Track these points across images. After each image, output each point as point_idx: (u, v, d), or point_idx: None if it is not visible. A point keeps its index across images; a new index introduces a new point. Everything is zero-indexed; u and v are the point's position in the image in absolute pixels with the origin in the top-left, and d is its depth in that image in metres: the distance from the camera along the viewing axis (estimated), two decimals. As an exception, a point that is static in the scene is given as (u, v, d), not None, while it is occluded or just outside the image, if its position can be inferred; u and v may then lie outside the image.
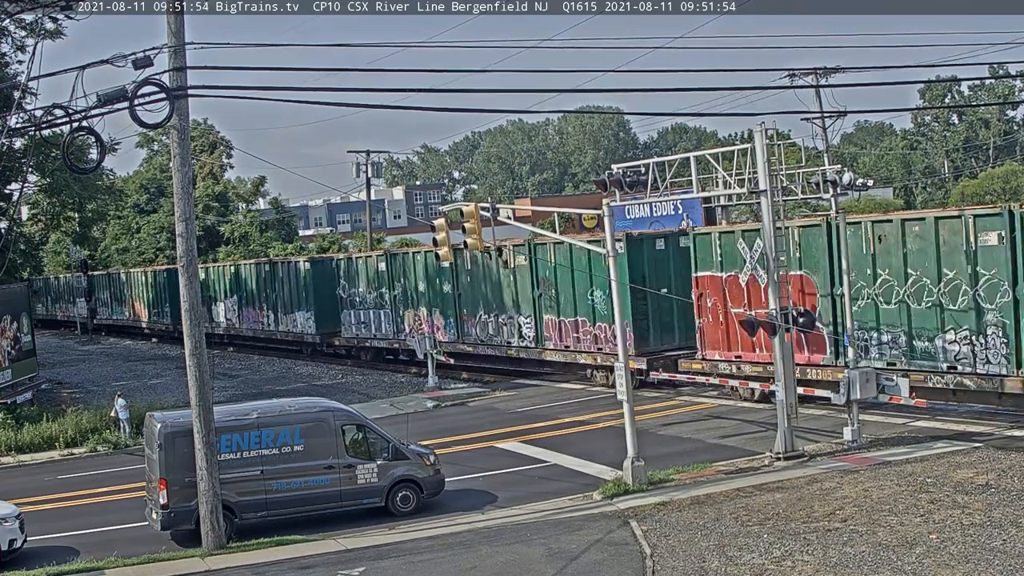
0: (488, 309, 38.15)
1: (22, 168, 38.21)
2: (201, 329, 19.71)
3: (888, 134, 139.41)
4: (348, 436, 20.97)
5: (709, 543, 16.88)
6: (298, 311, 50.14)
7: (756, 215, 32.07)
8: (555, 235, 28.84)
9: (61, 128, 19.51)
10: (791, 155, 38.38)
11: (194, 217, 19.97)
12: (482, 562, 17.00)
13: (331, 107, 32.71)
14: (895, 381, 23.19)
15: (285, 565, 17.90)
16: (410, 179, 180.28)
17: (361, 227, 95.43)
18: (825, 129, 48.57)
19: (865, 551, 15.73)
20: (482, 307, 38.41)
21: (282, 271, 51.56)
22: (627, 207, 42.15)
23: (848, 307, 23.95)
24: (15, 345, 37.40)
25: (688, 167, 24.31)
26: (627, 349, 22.58)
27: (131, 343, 67.71)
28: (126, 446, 30.20)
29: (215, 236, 79.14)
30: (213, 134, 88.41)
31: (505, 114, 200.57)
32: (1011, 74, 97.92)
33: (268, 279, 52.72)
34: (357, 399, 34.88)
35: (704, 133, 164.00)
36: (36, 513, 22.39)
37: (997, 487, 18.53)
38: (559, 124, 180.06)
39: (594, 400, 32.06)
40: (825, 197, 26.05)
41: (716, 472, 21.76)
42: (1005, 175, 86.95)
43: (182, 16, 18.74)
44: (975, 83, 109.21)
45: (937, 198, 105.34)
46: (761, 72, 67.39)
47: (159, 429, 20.07)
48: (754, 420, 26.96)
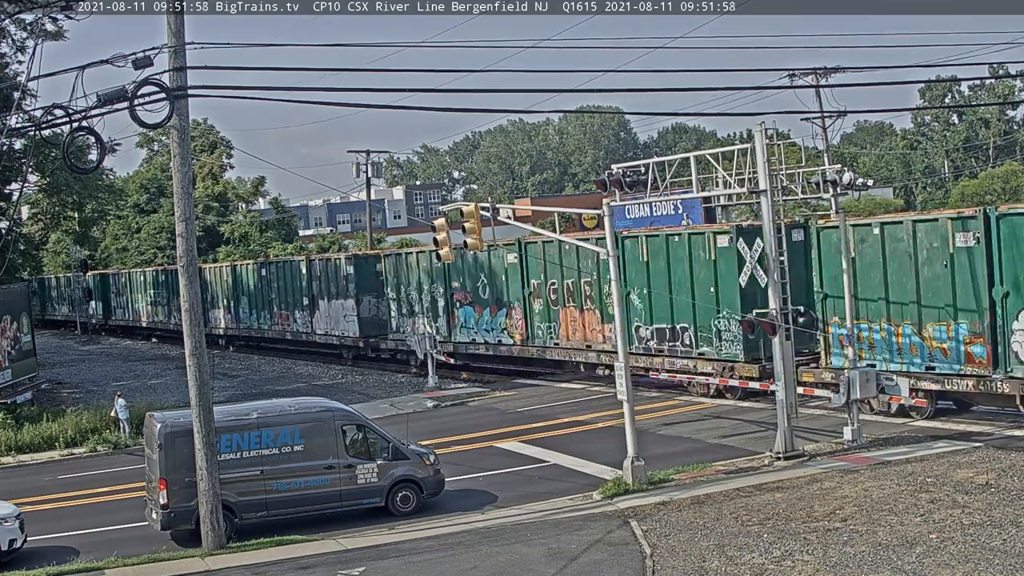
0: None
1: (22, 168, 38.20)
2: (201, 329, 19.70)
3: (888, 134, 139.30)
4: (348, 436, 20.97)
5: (709, 543, 16.88)
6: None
7: (756, 215, 32.04)
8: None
9: (61, 128, 19.50)
10: (791, 155, 38.35)
11: (194, 217, 19.97)
12: (482, 562, 17.00)
13: (331, 107, 32.74)
14: (895, 381, 23.21)
15: (285, 565, 17.89)
16: (410, 179, 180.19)
17: (361, 227, 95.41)
18: (825, 129, 48.55)
19: (865, 551, 15.73)
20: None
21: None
22: (627, 207, 42.17)
23: (848, 307, 23.97)
24: (15, 345, 37.40)
25: (688, 167, 24.31)
26: (626, 348, 22.54)
27: (131, 343, 67.70)
28: (126, 446, 30.20)
29: (215, 236, 79.11)
30: (213, 134, 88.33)
31: (505, 114, 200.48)
32: (1011, 74, 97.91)
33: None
34: (357, 399, 34.87)
35: (704, 133, 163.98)
36: (36, 513, 22.39)
37: (997, 487, 18.53)
38: (559, 124, 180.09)
39: (594, 400, 32.07)
40: (825, 197, 26.04)
41: (716, 472, 21.76)
42: (1005, 175, 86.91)
43: (182, 16, 18.75)
44: (975, 83, 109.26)
45: (937, 198, 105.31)
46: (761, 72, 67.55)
47: (159, 429, 20.07)
48: (754, 420, 26.96)
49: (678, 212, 48.99)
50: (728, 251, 28.77)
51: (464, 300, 39.53)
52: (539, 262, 35.64)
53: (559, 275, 34.77)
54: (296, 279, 49.96)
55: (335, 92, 19.23)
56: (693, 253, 29.90)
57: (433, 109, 20.66)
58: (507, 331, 37.51)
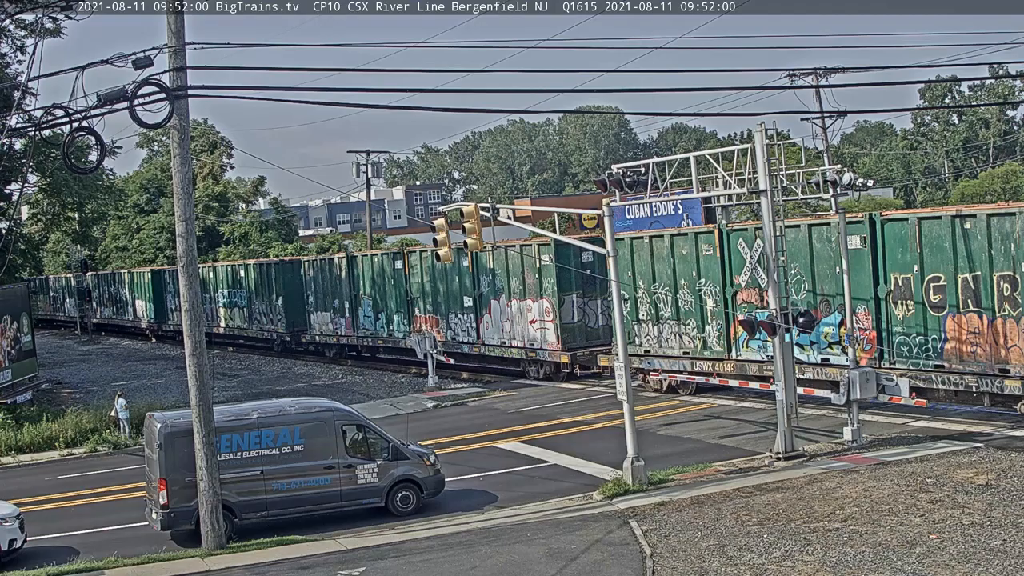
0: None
1: (22, 168, 38.19)
2: (201, 329, 19.70)
3: (888, 134, 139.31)
4: (348, 436, 20.98)
5: (709, 543, 16.88)
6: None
7: (756, 215, 32.03)
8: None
9: (61, 128, 19.50)
10: (791, 155, 38.38)
11: (194, 217, 19.97)
12: (482, 562, 16.99)
13: (331, 107, 32.76)
14: (895, 381, 23.22)
15: (285, 565, 17.89)
16: (410, 179, 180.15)
17: (361, 227, 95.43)
18: (825, 129, 48.56)
19: (865, 551, 15.73)
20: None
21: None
22: (627, 207, 42.18)
23: (848, 306, 23.95)
24: (15, 345, 37.43)
25: (688, 167, 24.32)
26: (626, 349, 22.52)
27: (131, 343, 67.70)
28: (126, 446, 30.21)
29: (215, 236, 79.15)
30: (213, 134, 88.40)
31: (505, 114, 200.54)
32: (1011, 74, 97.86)
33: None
34: (357, 399, 34.88)
35: (704, 133, 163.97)
36: (36, 513, 22.39)
37: (997, 487, 18.53)
38: (559, 124, 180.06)
39: (594, 400, 32.07)
40: (825, 197, 26.04)
41: (716, 472, 21.76)
42: (1005, 175, 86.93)
43: (182, 16, 18.75)
44: (975, 83, 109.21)
45: (937, 198, 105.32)
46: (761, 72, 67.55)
47: (159, 429, 20.07)
48: (754, 420, 26.96)
49: (678, 212, 48.98)
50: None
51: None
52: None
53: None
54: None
55: (335, 92, 19.25)
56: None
57: (433, 109, 20.62)
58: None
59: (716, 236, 29.20)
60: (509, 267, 37.05)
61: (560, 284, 34.98)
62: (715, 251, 29.15)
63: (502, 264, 37.42)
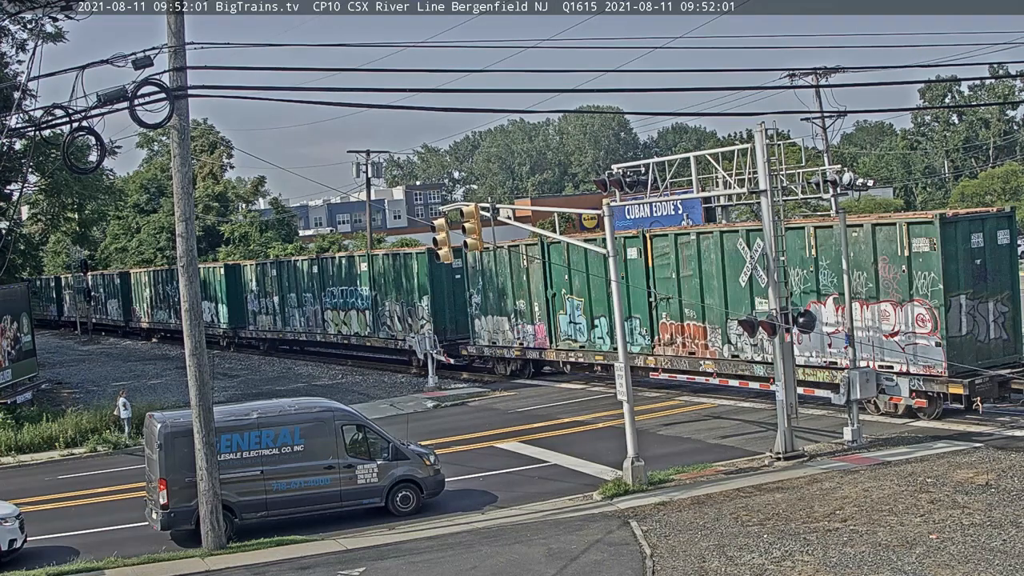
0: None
1: (22, 168, 38.19)
2: (201, 329, 19.69)
3: (888, 134, 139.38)
4: (348, 436, 20.97)
5: (709, 543, 16.88)
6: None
7: (756, 215, 32.03)
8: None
9: (61, 128, 19.51)
10: (791, 155, 38.34)
11: (194, 217, 19.97)
12: (482, 562, 17.00)
13: (331, 107, 32.76)
14: (895, 381, 23.21)
15: (285, 565, 17.89)
16: (410, 179, 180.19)
17: (361, 227, 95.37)
18: (825, 129, 48.55)
19: (865, 551, 15.74)
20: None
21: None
22: (627, 207, 42.20)
23: (849, 307, 23.97)
24: (15, 345, 37.40)
25: (688, 167, 24.32)
26: (626, 348, 22.52)
27: (131, 343, 67.69)
28: (126, 446, 30.21)
29: (215, 236, 79.13)
30: (213, 134, 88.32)
31: (505, 114, 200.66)
32: (1011, 74, 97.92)
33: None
34: (357, 399, 34.88)
35: (704, 133, 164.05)
36: (36, 513, 22.39)
37: (997, 487, 18.53)
38: (559, 124, 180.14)
39: (594, 400, 32.07)
40: (825, 197, 26.03)
41: (716, 472, 21.76)
42: (1005, 175, 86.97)
43: (182, 16, 18.75)
44: (975, 83, 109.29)
45: (937, 198, 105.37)
46: (761, 72, 67.56)
47: (159, 429, 20.07)
48: (754, 420, 26.96)
49: (678, 212, 49.05)
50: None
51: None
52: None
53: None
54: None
55: (335, 92, 19.24)
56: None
57: (433, 109, 20.62)
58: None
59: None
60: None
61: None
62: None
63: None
